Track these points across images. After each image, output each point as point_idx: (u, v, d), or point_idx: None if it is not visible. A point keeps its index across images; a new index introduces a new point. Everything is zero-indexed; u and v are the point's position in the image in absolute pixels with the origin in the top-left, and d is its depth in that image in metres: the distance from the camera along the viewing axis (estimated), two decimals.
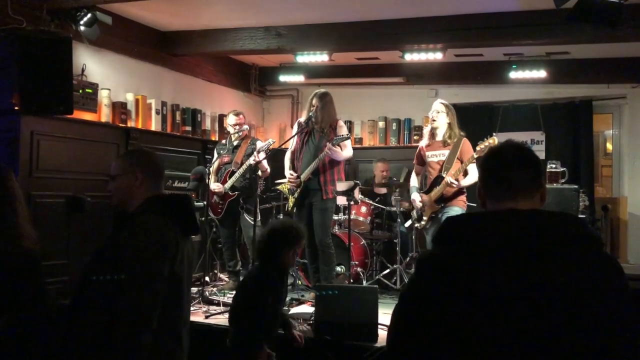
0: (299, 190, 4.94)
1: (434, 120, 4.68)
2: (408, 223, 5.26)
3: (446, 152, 4.62)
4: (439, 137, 4.69)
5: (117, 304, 1.94)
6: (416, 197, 4.85)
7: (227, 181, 5.31)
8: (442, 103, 4.73)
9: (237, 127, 5.42)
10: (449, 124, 4.65)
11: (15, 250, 2.15)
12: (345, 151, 4.87)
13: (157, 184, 2.25)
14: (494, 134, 4.54)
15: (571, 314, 1.27)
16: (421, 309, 1.39)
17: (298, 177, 4.91)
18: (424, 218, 4.76)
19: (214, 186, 5.30)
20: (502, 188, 1.47)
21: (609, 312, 1.29)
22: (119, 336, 1.91)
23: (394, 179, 6.49)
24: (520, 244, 1.32)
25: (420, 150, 4.89)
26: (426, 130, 4.88)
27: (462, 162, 4.56)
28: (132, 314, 1.93)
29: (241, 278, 4.82)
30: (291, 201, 5.06)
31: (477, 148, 4.43)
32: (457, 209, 4.56)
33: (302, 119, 5.04)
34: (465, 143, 4.61)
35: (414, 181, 4.99)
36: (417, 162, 4.95)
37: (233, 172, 5.30)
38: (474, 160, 4.46)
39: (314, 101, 4.91)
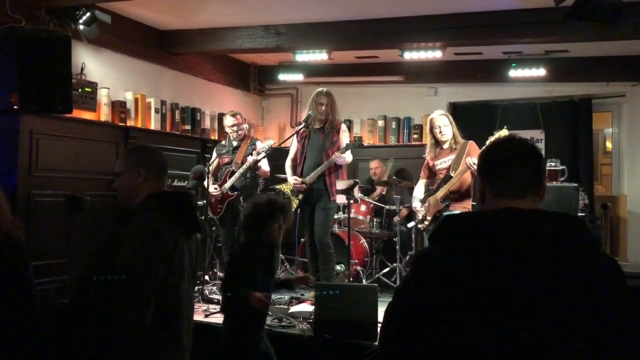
0: (303, 193, 4.98)
1: (442, 134, 4.67)
2: (411, 224, 5.24)
3: (453, 156, 4.65)
4: (446, 146, 4.72)
5: (111, 302, 1.94)
6: (417, 205, 4.85)
7: (227, 181, 5.31)
8: (444, 115, 4.73)
9: (236, 127, 5.42)
10: (453, 132, 4.70)
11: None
12: (348, 156, 4.97)
13: (160, 181, 2.25)
14: (505, 127, 4.51)
15: (567, 314, 1.26)
16: (414, 305, 1.39)
17: (303, 182, 4.93)
18: (428, 218, 4.74)
19: (212, 189, 5.30)
20: (500, 184, 1.44)
21: (607, 313, 1.28)
22: (113, 334, 1.91)
23: (393, 177, 6.48)
24: (518, 244, 1.31)
25: (428, 163, 4.88)
26: (430, 144, 4.82)
27: None
28: (125, 312, 1.94)
29: None
30: (295, 203, 5.06)
31: (487, 142, 4.43)
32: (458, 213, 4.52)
33: (302, 119, 5.07)
34: (472, 144, 4.62)
35: (418, 191, 4.94)
36: (426, 176, 4.92)
37: (233, 172, 5.29)
38: None
39: (322, 99, 4.97)
